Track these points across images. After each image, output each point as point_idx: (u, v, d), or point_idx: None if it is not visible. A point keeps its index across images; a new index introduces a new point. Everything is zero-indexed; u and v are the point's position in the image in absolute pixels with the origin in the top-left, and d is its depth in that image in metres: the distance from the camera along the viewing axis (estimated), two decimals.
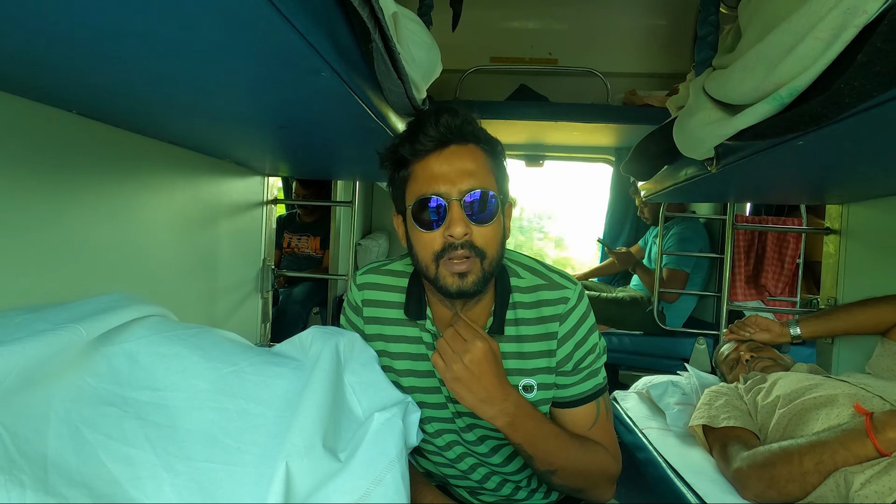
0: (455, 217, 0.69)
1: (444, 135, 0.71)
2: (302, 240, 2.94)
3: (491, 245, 0.72)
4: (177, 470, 0.52)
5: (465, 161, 0.71)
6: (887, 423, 0.86)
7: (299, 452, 0.55)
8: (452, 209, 0.69)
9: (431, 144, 0.71)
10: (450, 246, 0.70)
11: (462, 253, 0.69)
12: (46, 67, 0.67)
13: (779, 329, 1.37)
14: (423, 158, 0.72)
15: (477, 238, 0.70)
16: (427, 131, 0.71)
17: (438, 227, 0.70)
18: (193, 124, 1.06)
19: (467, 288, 0.70)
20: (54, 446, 0.48)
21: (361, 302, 0.86)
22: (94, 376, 0.56)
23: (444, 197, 0.70)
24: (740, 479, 1.00)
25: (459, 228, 0.68)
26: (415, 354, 0.83)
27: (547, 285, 0.81)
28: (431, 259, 0.71)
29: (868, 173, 1.16)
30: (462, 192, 0.70)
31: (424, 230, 0.71)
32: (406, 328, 0.83)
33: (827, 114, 0.62)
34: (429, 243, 0.71)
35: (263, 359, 0.68)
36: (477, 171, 0.71)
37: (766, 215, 2.47)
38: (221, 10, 0.46)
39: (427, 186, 0.71)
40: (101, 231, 1.06)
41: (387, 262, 0.90)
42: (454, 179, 0.70)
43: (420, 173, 0.72)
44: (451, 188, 0.70)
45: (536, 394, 0.79)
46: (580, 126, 2.42)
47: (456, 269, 0.70)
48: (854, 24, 0.55)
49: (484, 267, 0.71)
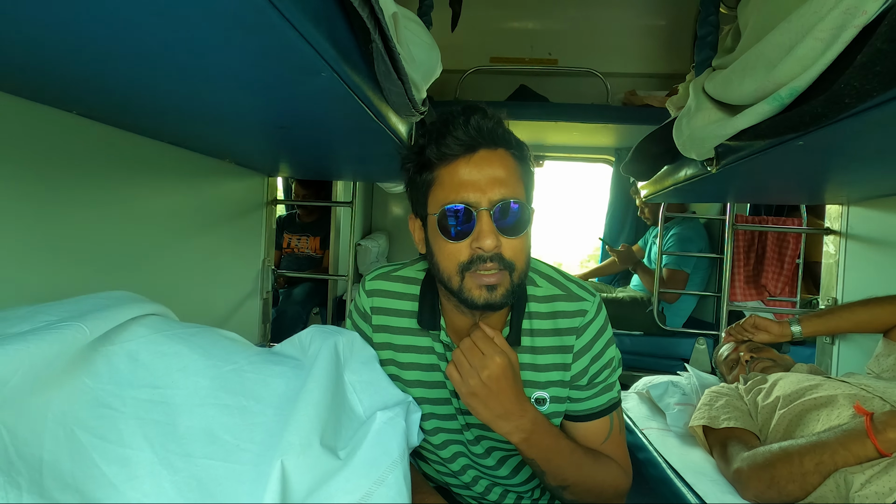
0: (485, 229, 0.65)
1: (475, 138, 0.66)
2: (302, 240, 2.94)
3: (520, 257, 0.68)
4: (176, 467, 0.52)
5: (495, 168, 0.66)
6: (887, 423, 0.86)
7: (295, 450, 0.55)
8: (482, 220, 0.65)
9: (460, 149, 0.66)
10: (478, 258, 0.66)
11: (491, 266, 0.65)
12: (46, 68, 0.67)
13: (778, 329, 1.36)
14: (451, 163, 0.67)
15: (506, 250, 0.66)
16: (456, 133, 0.65)
17: (465, 238, 0.66)
18: (194, 125, 1.06)
19: (496, 301, 0.67)
20: (50, 449, 0.48)
21: (371, 309, 0.82)
22: (92, 377, 0.56)
23: (473, 206, 0.65)
24: (740, 480, 0.99)
25: (490, 241, 0.64)
26: (425, 365, 0.80)
27: (565, 296, 0.77)
28: (456, 271, 0.67)
29: (868, 173, 1.16)
30: (492, 203, 0.65)
31: (450, 240, 0.67)
32: (417, 338, 0.80)
33: (827, 114, 0.62)
34: (454, 254, 0.67)
35: (263, 357, 0.68)
36: (508, 180, 0.67)
37: (765, 215, 2.47)
38: (222, 10, 0.46)
39: (455, 194, 0.66)
40: (101, 231, 1.07)
41: (397, 268, 0.85)
42: (484, 188, 0.65)
43: (447, 179, 0.67)
44: (481, 197, 0.65)
45: (549, 407, 0.77)
46: (580, 126, 2.43)
47: (485, 282, 0.66)
48: (854, 24, 0.55)
49: (513, 279, 0.68)
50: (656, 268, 2.36)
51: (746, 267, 2.46)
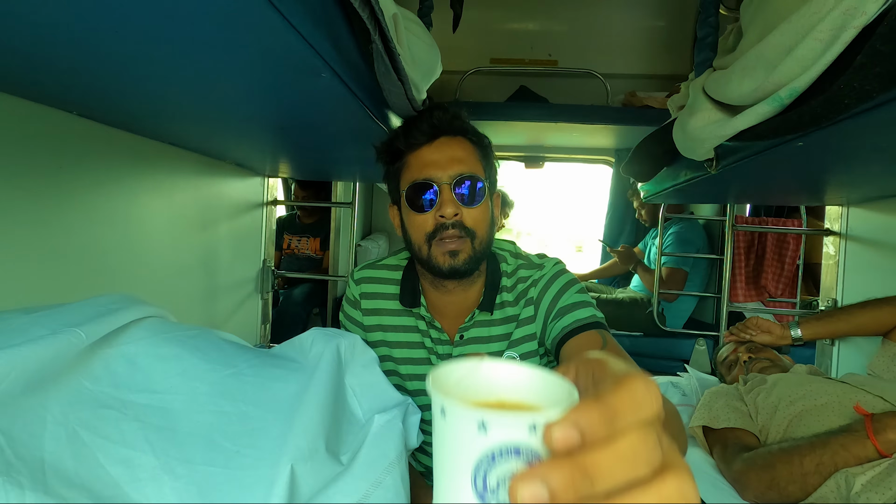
0: (446, 199, 0.74)
1: (436, 127, 0.77)
2: (302, 241, 2.94)
3: (480, 226, 0.77)
4: (177, 472, 0.52)
5: (454, 149, 0.77)
6: (888, 424, 0.86)
7: (304, 455, 0.55)
8: (443, 192, 0.75)
9: (423, 137, 0.78)
10: (441, 227, 0.75)
11: (453, 232, 0.74)
12: (46, 68, 0.67)
13: (780, 331, 1.37)
14: (417, 149, 0.78)
15: (467, 219, 0.75)
16: (420, 126, 0.77)
17: (430, 210, 0.75)
18: (194, 125, 1.06)
19: (459, 265, 0.75)
20: (51, 450, 0.47)
21: (359, 295, 0.90)
22: (91, 380, 0.55)
23: (435, 181, 0.75)
24: (740, 480, 0.99)
25: (450, 209, 0.74)
26: (411, 343, 0.87)
27: (525, 264, 0.86)
28: (424, 240, 0.76)
29: (868, 174, 1.16)
30: (452, 177, 0.75)
31: (417, 213, 0.76)
32: (401, 317, 0.88)
33: (827, 115, 0.62)
34: (421, 225, 0.76)
35: (263, 361, 0.68)
36: (466, 159, 0.77)
37: (765, 216, 2.47)
38: (222, 11, 0.46)
39: (419, 172, 0.76)
40: (101, 232, 1.06)
41: (381, 258, 0.95)
42: (445, 165, 0.76)
43: (413, 162, 0.78)
44: (442, 173, 0.75)
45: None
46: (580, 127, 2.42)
47: (447, 248, 0.75)
48: (853, 25, 0.55)
49: (475, 246, 0.76)
50: (655, 268, 2.36)
51: (746, 268, 2.46)
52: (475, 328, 0.83)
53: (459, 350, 0.83)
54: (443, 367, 0.27)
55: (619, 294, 2.68)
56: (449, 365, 0.27)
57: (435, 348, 0.85)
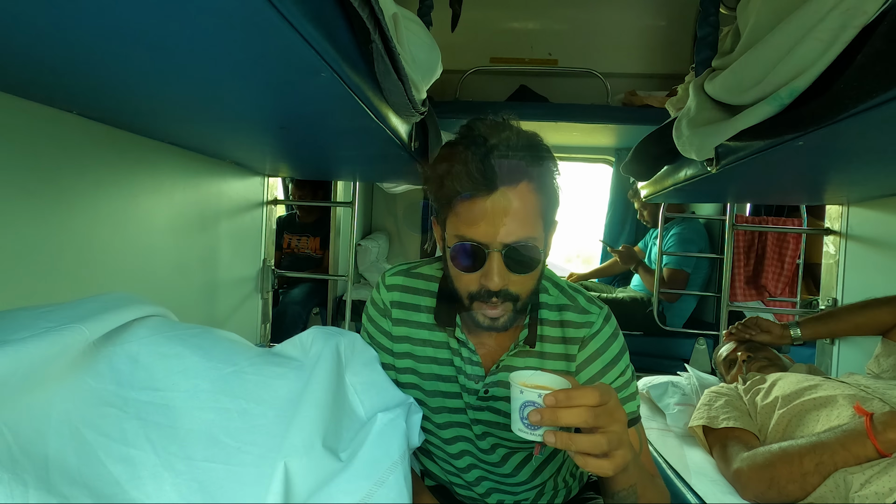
0: (494, 269, 0.65)
1: (493, 179, 0.63)
2: (302, 240, 2.94)
3: (526, 289, 0.70)
4: (178, 469, 0.52)
5: (513, 206, 0.65)
6: (887, 423, 0.86)
7: (298, 452, 0.55)
8: (492, 260, 0.65)
9: (481, 190, 0.64)
10: (486, 293, 0.67)
11: (495, 301, 0.68)
12: (46, 67, 0.67)
13: (779, 330, 1.37)
14: (469, 198, 0.66)
15: (513, 286, 0.68)
16: (473, 171, 0.63)
17: (476, 272, 0.67)
18: (193, 125, 1.06)
19: (498, 328, 0.71)
20: (55, 447, 0.48)
21: (390, 304, 0.83)
22: (94, 377, 0.56)
23: (484, 246, 0.65)
24: (740, 480, 1.00)
25: (497, 280, 0.65)
26: (441, 359, 0.81)
27: (572, 306, 0.79)
28: (466, 295, 0.71)
29: (868, 173, 1.16)
30: (504, 244, 0.65)
31: (462, 271, 0.69)
32: (433, 332, 0.82)
33: (827, 114, 0.62)
34: (464, 283, 0.70)
35: (264, 359, 0.68)
36: (524, 218, 0.65)
37: (765, 216, 2.47)
38: (221, 10, 0.46)
39: (467, 229, 0.66)
40: (101, 231, 1.07)
41: (417, 265, 0.87)
42: (498, 227, 0.64)
43: (463, 211, 0.66)
44: (493, 238, 0.65)
45: None
46: (580, 127, 2.42)
47: (489, 314, 0.69)
48: (854, 24, 0.55)
49: (516, 307, 0.70)
50: (656, 268, 2.36)
51: (746, 267, 2.46)
52: (512, 357, 0.78)
53: (492, 378, 0.78)
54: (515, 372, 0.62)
55: (620, 293, 2.68)
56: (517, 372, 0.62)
57: (465, 368, 0.79)
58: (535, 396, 0.56)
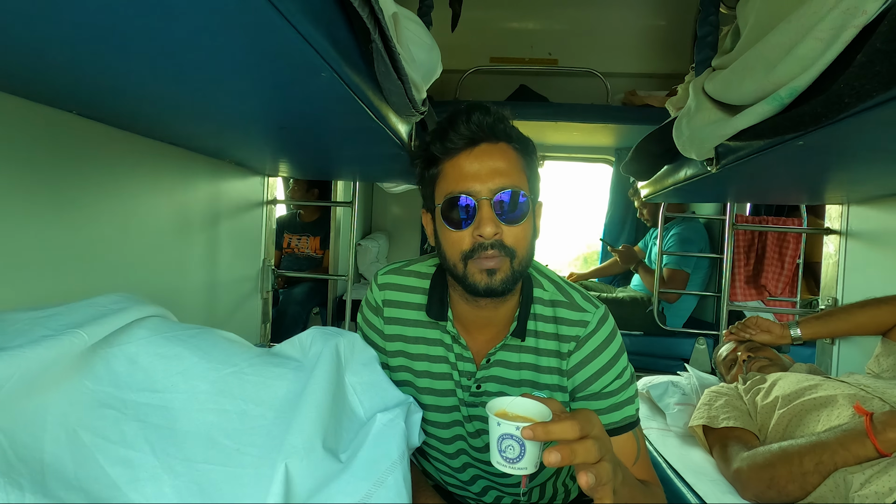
0: (485, 217, 0.67)
1: (476, 133, 0.69)
2: (302, 240, 2.94)
3: (521, 245, 0.70)
4: (176, 471, 0.52)
5: (496, 159, 0.69)
6: (887, 423, 0.86)
7: (298, 453, 0.55)
8: (482, 208, 0.68)
9: (462, 142, 0.70)
10: (479, 246, 0.68)
11: (492, 252, 0.68)
12: (46, 67, 0.67)
13: (779, 330, 1.37)
14: (454, 157, 0.71)
15: (507, 237, 0.69)
16: (458, 129, 0.69)
17: (468, 227, 0.69)
18: (193, 125, 1.06)
19: (496, 286, 0.69)
20: (51, 451, 0.47)
21: (382, 302, 0.84)
22: (92, 379, 0.56)
23: (474, 196, 0.68)
24: (740, 480, 0.99)
25: (490, 228, 0.67)
26: (433, 356, 0.81)
27: (567, 303, 0.79)
28: (459, 258, 0.70)
29: (868, 173, 1.16)
30: (492, 192, 0.68)
31: (453, 229, 0.70)
32: (426, 329, 0.82)
33: (827, 114, 0.62)
34: (457, 242, 0.70)
35: (263, 360, 0.68)
36: (508, 170, 0.69)
37: (766, 215, 2.47)
38: (221, 10, 0.46)
39: (457, 185, 0.69)
40: (101, 232, 1.07)
41: (409, 263, 0.87)
42: (484, 178, 0.68)
43: (450, 171, 0.71)
44: (482, 187, 0.68)
45: None
46: (580, 126, 2.43)
47: (486, 266, 0.68)
48: (854, 24, 0.55)
49: (514, 266, 0.70)
50: (656, 268, 2.36)
51: (746, 267, 2.46)
52: (503, 351, 0.78)
53: (483, 373, 0.78)
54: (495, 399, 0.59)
55: (620, 293, 2.68)
56: (497, 399, 0.59)
57: (458, 365, 0.80)
58: (513, 429, 0.52)
